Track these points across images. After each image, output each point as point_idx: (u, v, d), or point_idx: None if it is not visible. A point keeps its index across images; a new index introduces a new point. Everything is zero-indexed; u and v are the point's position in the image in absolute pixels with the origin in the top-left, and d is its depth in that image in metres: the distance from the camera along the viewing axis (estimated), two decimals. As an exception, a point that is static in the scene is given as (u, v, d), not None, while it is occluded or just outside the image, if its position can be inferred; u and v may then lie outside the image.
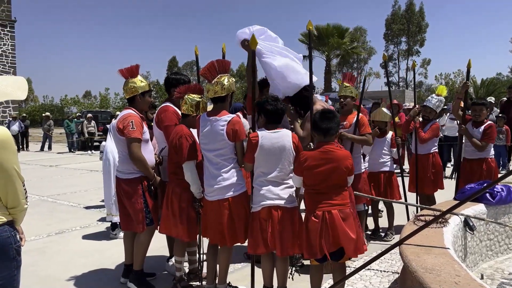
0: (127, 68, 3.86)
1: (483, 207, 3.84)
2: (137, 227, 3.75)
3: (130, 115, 3.73)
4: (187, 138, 3.49)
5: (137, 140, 3.65)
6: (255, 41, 3.78)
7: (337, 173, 3.08)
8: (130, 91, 3.84)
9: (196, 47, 4.29)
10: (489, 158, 4.90)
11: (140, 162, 3.66)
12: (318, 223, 3.01)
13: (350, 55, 32.97)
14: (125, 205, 3.77)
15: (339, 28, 29.21)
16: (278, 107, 3.27)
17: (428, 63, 55.81)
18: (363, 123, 4.64)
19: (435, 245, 2.71)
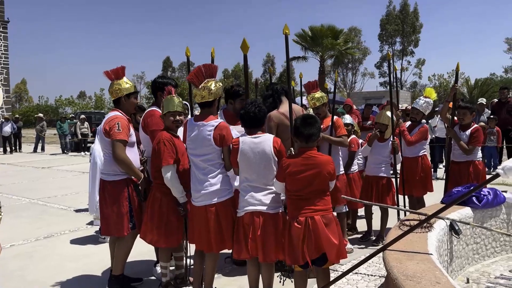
0: (112, 70, 3.86)
1: (470, 210, 3.85)
2: (121, 231, 3.70)
3: (117, 117, 3.71)
4: (165, 143, 3.48)
5: (122, 142, 3.62)
6: (246, 45, 3.77)
7: (320, 179, 3.08)
8: (115, 93, 3.83)
9: (187, 48, 4.25)
10: (476, 161, 4.92)
11: (124, 163, 3.62)
12: (301, 229, 3.00)
13: (344, 55, 33.04)
14: (108, 208, 3.70)
15: (333, 29, 29.26)
16: (252, 111, 3.25)
17: (422, 64, 56.03)
18: (338, 125, 4.70)
19: (418, 251, 2.71)
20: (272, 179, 3.24)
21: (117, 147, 3.60)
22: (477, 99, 29.61)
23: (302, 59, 31.32)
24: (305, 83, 4.95)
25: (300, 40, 30.35)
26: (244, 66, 3.67)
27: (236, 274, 4.17)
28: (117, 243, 3.83)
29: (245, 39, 3.59)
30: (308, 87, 4.84)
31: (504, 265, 3.82)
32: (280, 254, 3.21)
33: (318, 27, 29.23)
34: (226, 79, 58.69)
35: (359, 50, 53.07)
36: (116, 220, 3.69)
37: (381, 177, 5.07)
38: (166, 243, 3.68)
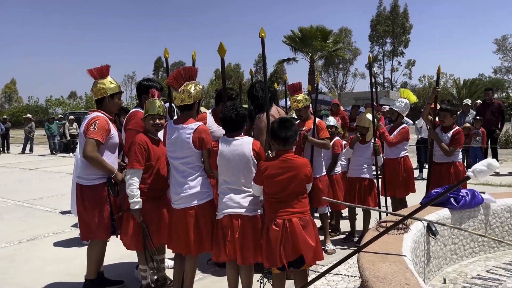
0: (96, 68, 3.81)
1: (448, 211, 3.89)
2: (102, 234, 3.68)
3: (96, 117, 3.66)
4: (136, 146, 3.47)
5: (95, 141, 3.54)
6: (223, 49, 3.80)
7: (297, 181, 3.11)
8: (98, 92, 3.78)
9: (166, 50, 4.22)
10: (457, 162, 4.98)
11: (94, 160, 3.55)
12: (278, 231, 3.03)
13: (334, 57, 33.18)
14: (89, 213, 3.66)
15: (323, 30, 29.35)
16: (229, 115, 3.27)
17: (412, 64, 56.44)
18: (321, 128, 4.75)
19: (392, 252, 2.74)
20: (250, 182, 3.26)
21: (88, 145, 3.53)
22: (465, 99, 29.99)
23: (292, 61, 31.39)
24: (289, 85, 4.99)
25: (290, 42, 30.39)
26: (221, 69, 3.69)
27: (218, 276, 4.18)
28: (90, 247, 3.79)
29: (222, 42, 3.61)
30: (291, 89, 4.88)
31: (482, 265, 3.87)
32: (258, 256, 3.23)
33: (307, 28, 29.30)
34: (217, 79, 58.58)
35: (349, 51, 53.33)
36: (97, 224, 3.65)
37: (363, 178, 5.11)
38: (137, 247, 3.66)
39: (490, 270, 3.74)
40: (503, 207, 4.24)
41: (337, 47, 30.72)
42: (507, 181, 8.83)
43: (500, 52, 51.67)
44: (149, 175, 3.56)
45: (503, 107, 10.41)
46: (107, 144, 3.69)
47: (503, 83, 47.82)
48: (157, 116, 3.58)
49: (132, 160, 3.46)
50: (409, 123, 10.11)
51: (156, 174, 3.58)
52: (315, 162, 4.77)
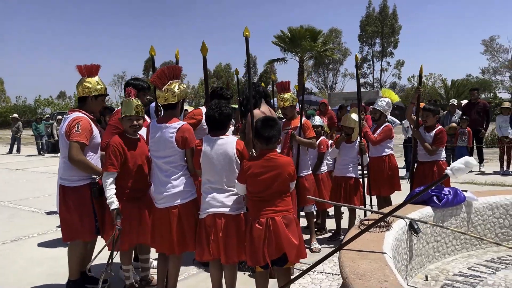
0: (86, 66, 3.75)
1: (430, 210, 3.94)
2: (85, 235, 3.66)
3: (78, 118, 3.60)
4: (110, 148, 3.46)
5: (80, 144, 3.52)
6: (205, 48, 3.80)
7: (280, 180, 3.12)
8: (83, 90, 3.72)
9: (152, 47, 4.18)
10: (440, 161, 5.05)
11: (81, 163, 3.53)
12: (262, 230, 3.04)
13: (323, 57, 33.32)
14: (72, 214, 3.62)
15: (312, 30, 29.44)
16: (213, 114, 3.26)
17: (401, 65, 56.84)
18: (307, 127, 4.78)
19: (373, 250, 2.77)
20: (233, 181, 3.26)
21: (73, 148, 3.49)
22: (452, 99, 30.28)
23: (281, 61, 31.46)
24: (278, 83, 5.02)
25: (279, 42, 30.44)
26: (203, 68, 3.69)
27: (203, 276, 4.18)
28: (70, 247, 3.76)
29: (204, 42, 3.62)
30: (279, 87, 4.91)
31: (463, 263, 3.92)
32: (242, 255, 3.24)
33: (297, 29, 29.38)
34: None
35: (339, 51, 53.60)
36: (79, 226, 3.62)
37: (349, 177, 5.15)
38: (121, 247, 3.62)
39: (472, 267, 3.80)
40: (484, 205, 4.31)
41: (326, 47, 30.85)
42: (492, 180, 8.95)
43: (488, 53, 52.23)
44: (128, 176, 3.54)
45: (488, 107, 10.54)
46: (90, 145, 3.66)
47: (490, 83, 48.37)
48: (135, 117, 3.55)
49: (106, 163, 3.46)
50: (396, 123, 10.18)
51: (136, 174, 3.56)
52: (301, 161, 4.80)
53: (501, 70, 51.60)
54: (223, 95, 4.55)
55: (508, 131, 9.41)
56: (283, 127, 4.86)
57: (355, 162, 5.23)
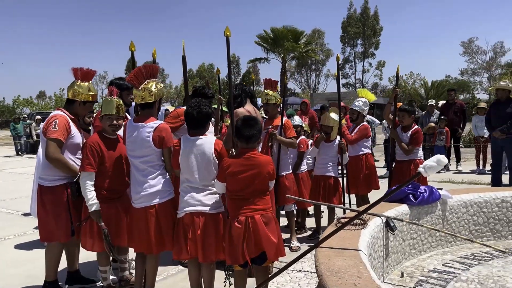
0: (82, 70, 3.72)
1: (406, 207, 4.01)
2: (60, 236, 3.62)
3: (56, 116, 3.59)
4: (87, 147, 3.43)
5: (56, 141, 3.48)
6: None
7: (260, 179, 3.15)
8: (73, 93, 3.69)
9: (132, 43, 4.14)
10: (417, 160, 5.15)
11: (58, 162, 3.50)
12: (241, 229, 3.06)
13: (305, 58, 33.54)
14: (48, 214, 3.59)
15: (294, 31, 29.59)
16: (193, 112, 3.26)
17: (383, 65, 57.52)
18: (288, 127, 4.81)
19: (348, 247, 2.81)
20: (212, 180, 3.27)
21: (50, 146, 3.46)
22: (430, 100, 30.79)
23: (264, 60, 31.53)
24: (266, 79, 5.06)
25: (262, 42, 30.50)
26: (183, 67, 3.69)
27: (182, 276, 4.18)
28: (47, 249, 3.73)
29: (183, 40, 3.62)
30: (267, 83, 4.96)
31: (438, 259, 4.00)
32: (220, 254, 3.25)
33: (279, 29, 29.48)
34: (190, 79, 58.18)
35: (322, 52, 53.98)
36: (55, 226, 3.59)
37: (328, 176, 5.20)
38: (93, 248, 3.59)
39: (446, 263, 3.88)
40: (459, 202, 4.40)
41: (308, 48, 31.03)
42: (468, 178, 9.14)
43: (467, 54, 53.32)
44: (105, 176, 3.51)
45: (465, 107, 10.77)
46: (67, 144, 3.62)
47: (468, 84, 49.36)
48: (115, 116, 3.51)
49: (84, 163, 3.42)
50: (376, 122, 10.33)
51: (113, 175, 3.53)
52: (281, 160, 4.83)
53: (479, 71, 52.75)
54: (205, 94, 4.54)
55: (483, 130, 9.62)
56: (264, 126, 4.90)
57: (334, 161, 5.29)
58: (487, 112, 8.27)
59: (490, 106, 8.17)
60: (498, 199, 4.52)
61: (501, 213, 4.52)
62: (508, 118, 7.24)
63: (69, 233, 3.64)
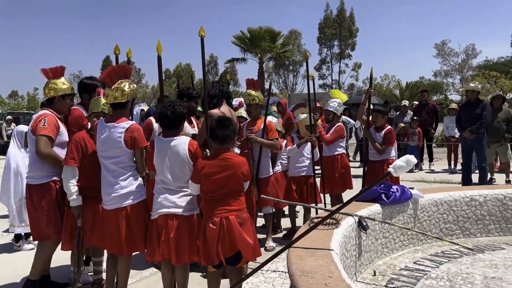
0: (51, 68, 3.81)
1: (379, 207, 4.07)
2: (51, 235, 3.63)
3: (45, 114, 3.67)
4: (72, 142, 3.46)
5: (47, 137, 3.55)
6: (160, 47, 3.76)
7: (234, 180, 3.15)
8: (49, 92, 3.77)
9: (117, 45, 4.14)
10: (390, 159, 5.24)
11: (50, 158, 3.57)
12: (215, 230, 3.06)
13: (282, 58, 33.71)
14: (38, 213, 3.62)
15: (271, 31, 29.69)
16: (166, 112, 3.23)
17: (359, 67, 58.21)
18: (270, 129, 4.79)
19: (320, 247, 2.83)
20: (186, 182, 3.25)
21: (41, 142, 3.53)
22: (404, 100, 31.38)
23: (241, 61, 31.53)
24: (248, 79, 5.07)
25: (239, 42, 30.49)
26: (158, 67, 3.66)
27: (155, 278, 4.13)
28: (40, 247, 3.74)
29: (159, 40, 3.58)
30: (249, 83, 4.95)
31: (410, 258, 4.08)
32: (194, 256, 3.23)
33: (256, 29, 29.52)
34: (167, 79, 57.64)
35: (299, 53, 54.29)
36: (46, 224, 3.62)
37: (302, 176, 5.24)
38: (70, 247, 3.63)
39: (417, 261, 3.96)
40: (430, 201, 4.50)
41: (285, 48, 31.19)
42: (440, 177, 9.35)
43: (440, 56, 54.50)
44: (83, 173, 3.49)
45: (437, 108, 11.02)
46: (56, 142, 3.69)
47: (442, 85, 50.48)
48: (101, 113, 3.59)
49: (67, 157, 3.43)
50: (351, 123, 10.46)
51: (92, 173, 3.50)
52: (262, 162, 4.84)
53: (451, 73, 53.98)
54: (191, 94, 4.51)
55: (454, 131, 9.86)
56: (247, 127, 4.90)
57: (309, 161, 5.33)
58: (457, 113, 8.50)
59: (460, 107, 8.39)
60: (467, 198, 4.64)
61: (470, 211, 4.64)
62: (478, 119, 7.44)
63: (60, 231, 3.64)
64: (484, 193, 4.71)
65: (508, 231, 4.71)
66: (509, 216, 4.69)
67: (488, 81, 34.54)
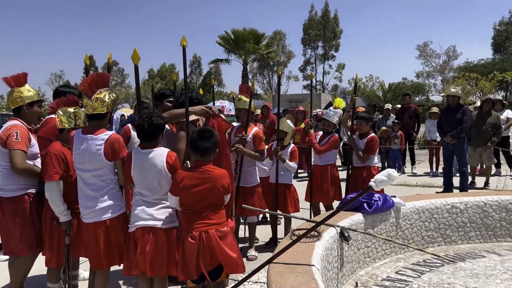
0: (13, 76, 3.64)
1: (361, 216, 4.05)
2: (24, 250, 3.51)
3: (15, 126, 3.50)
4: (52, 156, 3.32)
5: (22, 151, 3.42)
6: (137, 56, 3.67)
7: (214, 193, 3.10)
8: (15, 101, 3.61)
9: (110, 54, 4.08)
10: (371, 167, 5.23)
11: (28, 172, 3.46)
12: (195, 244, 3.00)
13: (266, 59, 33.73)
14: (9, 226, 3.48)
15: (255, 33, 29.63)
16: (144, 124, 3.15)
17: (342, 68, 58.71)
18: (258, 138, 4.77)
19: (301, 262, 2.79)
20: (164, 194, 3.18)
21: (16, 157, 3.39)
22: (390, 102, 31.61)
23: (225, 62, 31.43)
24: (243, 84, 5.04)
25: (223, 42, 30.36)
26: (135, 76, 3.57)
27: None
28: (17, 262, 3.61)
29: (136, 49, 3.49)
30: (241, 89, 4.94)
31: (392, 267, 4.07)
32: (172, 269, 3.16)
33: (240, 31, 29.44)
34: (151, 79, 57.20)
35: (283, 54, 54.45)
36: (19, 238, 3.49)
37: (283, 184, 5.18)
38: (58, 263, 3.53)
39: (399, 271, 3.95)
40: (412, 209, 4.50)
41: (269, 50, 31.18)
42: (422, 181, 9.41)
43: (422, 57, 55.26)
44: (68, 187, 3.40)
45: (419, 111, 11.12)
46: (28, 154, 3.54)
47: (424, 87, 51.16)
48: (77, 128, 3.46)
49: (51, 172, 3.29)
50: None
51: (73, 186, 3.40)
52: (248, 171, 4.81)
53: (433, 74, 54.82)
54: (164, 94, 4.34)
55: (436, 134, 9.95)
56: (236, 133, 4.83)
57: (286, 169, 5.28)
58: (438, 117, 8.57)
59: (442, 111, 8.47)
60: (448, 205, 4.66)
61: (451, 218, 4.67)
62: (458, 124, 7.51)
63: (34, 244, 3.53)
64: (465, 200, 4.74)
65: (488, 238, 4.75)
66: (489, 223, 4.73)
67: (469, 83, 35.10)
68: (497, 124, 8.36)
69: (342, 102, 5.78)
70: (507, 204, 4.73)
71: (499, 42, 51.86)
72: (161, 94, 4.29)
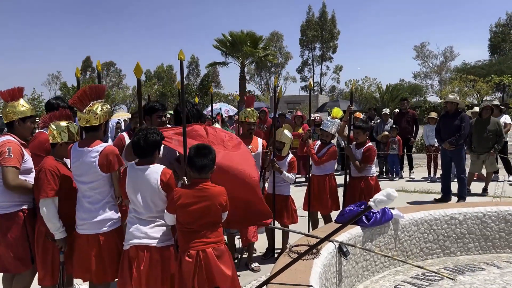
0: (8, 91, 3.61)
1: (360, 229, 4.01)
2: (19, 267, 3.47)
3: (8, 142, 3.46)
4: (47, 172, 3.26)
5: (14, 168, 3.38)
6: (140, 69, 3.60)
7: (212, 211, 3.04)
8: (8, 116, 3.58)
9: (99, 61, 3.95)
10: (369, 177, 5.20)
11: (20, 189, 3.41)
12: (192, 263, 2.96)
13: (264, 62, 33.68)
14: (3, 244, 3.44)
15: (253, 35, 29.53)
16: (139, 140, 3.10)
17: (340, 69, 58.78)
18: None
19: (299, 283, 2.75)
20: (159, 212, 3.13)
21: (8, 174, 3.35)
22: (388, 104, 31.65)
23: (222, 64, 31.34)
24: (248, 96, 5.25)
25: (220, 45, 30.28)
26: (137, 90, 3.53)
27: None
28: (16, 279, 3.58)
29: (138, 63, 3.44)
30: (249, 100, 5.15)
31: (391, 280, 4.03)
32: (169, 288, 3.11)
33: (237, 33, 29.36)
34: (148, 80, 57.10)
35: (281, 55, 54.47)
36: (14, 255, 3.44)
37: (279, 195, 5.14)
38: (52, 281, 3.45)
39: (398, 285, 3.91)
40: (410, 221, 4.47)
41: (266, 52, 31.10)
42: (420, 187, 9.36)
43: (419, 58, 55.42)
44: (62, 202, 3.34)
45: (417, 116, 11.09)
46: (21, 169, 3.50)
47: (421, 88, 51.27)
48: (71, 142, 3.43)
49: (46, 188, 3.23)
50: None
51: (67, 201, 3.36)
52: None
53: (430, 75, 55.01)
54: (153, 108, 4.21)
55: (434, 140, 9.93)
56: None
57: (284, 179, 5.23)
58: (436, 123, 8.54)
59: (440, 118, 8.43)
60: (447, 216, 4.63)
61: (450, 229, 4.64)
62: (456, 130, 7.49)
63: (29, 261, 3.49)
64: (464, 211, 4.71)
65: (487, 249, 4.72)
66: (488, 234, 4.71)
67: (466, 85, 35.18)
68: (498, 130, 8.31)
69: (339, 112, 5.73)
70: (506, 215, 4.70)
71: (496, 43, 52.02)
72: (151, 108, 4.11)
